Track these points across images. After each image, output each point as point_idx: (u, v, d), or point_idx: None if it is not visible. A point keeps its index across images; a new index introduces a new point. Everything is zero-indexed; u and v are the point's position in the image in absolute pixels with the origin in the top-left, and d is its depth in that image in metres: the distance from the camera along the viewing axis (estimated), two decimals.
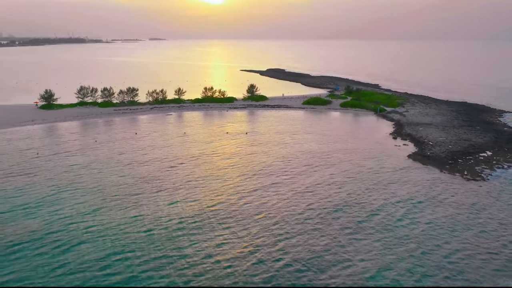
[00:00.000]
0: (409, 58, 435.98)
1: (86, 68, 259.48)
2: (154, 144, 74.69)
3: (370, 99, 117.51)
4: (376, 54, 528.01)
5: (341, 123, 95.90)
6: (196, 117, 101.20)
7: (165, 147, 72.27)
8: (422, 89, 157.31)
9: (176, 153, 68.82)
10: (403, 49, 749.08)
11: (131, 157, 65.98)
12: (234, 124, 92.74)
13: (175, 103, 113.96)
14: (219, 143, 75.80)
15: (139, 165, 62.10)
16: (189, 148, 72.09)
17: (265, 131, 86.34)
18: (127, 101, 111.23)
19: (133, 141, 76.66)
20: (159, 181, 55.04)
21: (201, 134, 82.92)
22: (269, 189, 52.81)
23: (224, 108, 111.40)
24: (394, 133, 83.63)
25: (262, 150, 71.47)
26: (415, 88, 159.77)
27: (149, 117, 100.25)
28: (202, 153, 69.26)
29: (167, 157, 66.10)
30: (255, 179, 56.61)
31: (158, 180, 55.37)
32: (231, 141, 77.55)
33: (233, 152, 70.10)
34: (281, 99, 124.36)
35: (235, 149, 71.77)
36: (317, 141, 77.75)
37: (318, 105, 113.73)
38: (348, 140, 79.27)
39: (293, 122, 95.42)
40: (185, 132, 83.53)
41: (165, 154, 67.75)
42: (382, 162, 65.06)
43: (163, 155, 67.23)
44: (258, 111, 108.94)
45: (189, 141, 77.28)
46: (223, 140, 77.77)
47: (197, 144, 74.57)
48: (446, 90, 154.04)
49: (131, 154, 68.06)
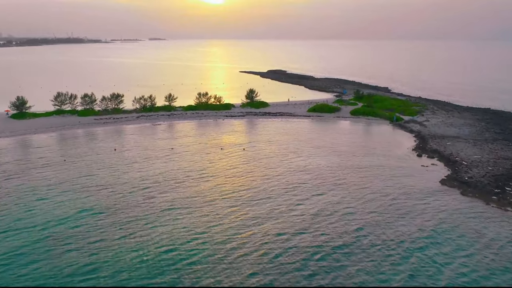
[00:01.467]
0: (414, 58, 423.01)
1: (77, 70, 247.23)
2: (132, 163, 62.36)
3: (384, 106, 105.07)
4: (378, 54, 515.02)
5: (353, 135, 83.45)
6: (187, 127, 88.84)
7: (144, 168, 59.89)
8: (436, 93, 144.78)
9: (157, 176, 56.47)
10: (405, 49, 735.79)
11: (99, 182, 53.61)
12: (230, 137, 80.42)
13: (165, 110, 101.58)
14: (210, 162, 63.41)
15: (106, 193, 49.70)
16: (174, 169, 59.72)
17: (266, 145, 74.06)
18: (110, 108, 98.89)
19: (108, 159, 64.35)
20: (127, 219, 42.64)
21: (191, 149, 70.61)
22: (265, 226, 40.42)
23: (220, 117, 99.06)
24: (418, 149, 71.18)
25: (261, 172, 59.07)
26: (429, 92, 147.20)
27: (134, 128, 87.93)
28: (188, 176, 56.93)
29: (144, 182, 53.73)
30: (249, 212, 44.26)
31: (125, 217, 42.98)
32: (225, 159, 65.18)
33: (227, 174, 57.70)
34: (284, 105, 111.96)
35: (229, 170, 59.40)
36: (326, 159, 65.42)
37: (326, 113, 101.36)
38: (363, 157, 66.92)
39: (298, 133, 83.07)
40: (172, 148, 71.18)
41: (143, 178, 55.37)
42: (408, 189, 52.69)
43: (140, 179, 54.86)
44: (258, 120, 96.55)
45: (176, 159, 64.95)
46: (216, 158, 65.40)
47: (184, 164, 62.17)
48: (463, 94, 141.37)
49: (101, 177, 55.69)
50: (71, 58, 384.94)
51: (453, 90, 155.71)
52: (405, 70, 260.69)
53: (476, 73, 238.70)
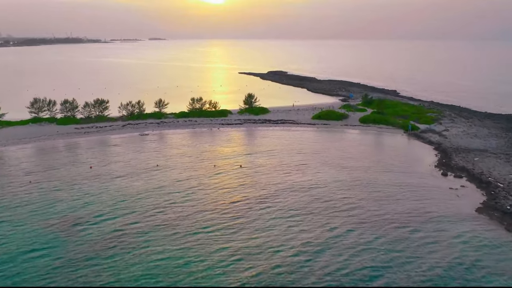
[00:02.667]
0: (417, 58, 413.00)
1: (69, 71, 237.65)
2: (107, 185, 52.90)
3: (395, 112, 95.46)
4: (380, 54, 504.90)
5: (364, 146, 73.88)
6: (178, 138, 79.32)
7: (120, 192, 50.46)
8: (448, 97, 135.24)
9: (134, 204, 47.02)
10: (406, 49, 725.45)
11: (61, 211, 44.07)
12: (225, 149, 70.91)
13: (154, 118, 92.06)
14: (199, 184, 53.81)
15: (69, 228, 40.20)
16: (155, 193, 50.24)
17: (265, 160, 64.61)
18: (94, 116, 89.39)
19: (80, 179, 54.86)
20: (80, 274, 33.12)
21: (178, 166, 61.10)
22: (262, 277, 30.92)
23: (215, 125, 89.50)
24: (442, 165, 61.60)
25: (258, 194, 49.66)
26: (441, 95, 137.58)
27: (118, 138, 78.46)
28: (171, 202, 47.50)
29: (118, 213, 44.23)
30: (242, 254, 34.78)
31: (86, 263, 33.47)
32: (217, 180, 55.61)
33: (217, 201, 48.13)
34: (287, 111, 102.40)
35: (220, 195, 49.87)
36: (334, 178, 55.97)
37: (332, 120, 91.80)
38: (378, 175, 57.44)
39: (301, 145, 73.56)
40: (158, 165, 61.63)
41: (117, 207, 45.88)
42: (436, 218, 43.38)
43: (113, 208, 45.39)
44: (257, 129, 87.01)
45: (159, 179, 55.49)
46: (207, 179, 55.79)
47: (167, 187, 52.63)
48: (477, 98, 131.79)
49: (65, 205, 46.18)
50: (67, 58, 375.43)
51: (465, 92, 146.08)
52: (410, 71, 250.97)
53: (483, 74, 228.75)
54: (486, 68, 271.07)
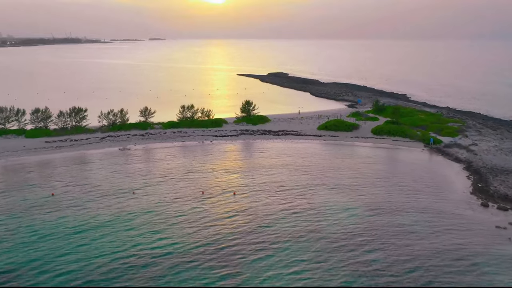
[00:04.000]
0: (422, 59, 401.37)
1: (58, 73, 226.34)
2: (67, 218, 42.27)
3: (412, 122, 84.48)
4: (383, 55, 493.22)
5: (380, 166, 62.93)
6: (163, 154, 68.42)
7: (82, 226, 39.82)
8: (466, 102, 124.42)
9: (93, 247, 36.38)
10: (409, 48, 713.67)
11: (8, 256, 33.33)
12: (217, 169, 60.07)
13: (139, 128, 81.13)
14: (179, 221, 43.01)
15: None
16: (120, 234, 39.55)
17: (263, 183, 53.91)
18: (70, 126, 78.58)
19: (36, 209, 44.17)
20: None
21: (158, 193, 50.29)
22: None
23: (208, 137, 78.60)
24: (478, 191, 50.79)
25: (252, 235, 39.01)
26: (457, 100, 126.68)
27: (95, 154, 67.60)
28: (138, 248, 36.80)
29: (60, 265, 33.38)
30: None
31: None
32: (203, 214, 44.79)
33: (200, 248, 37.38)
34: (289, 120, 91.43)
35: (204, 238, 39.13)
36: (348, 211, 45.44)
37: (341, 131, 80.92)
38: (400, 206, 46.96)
39: (307, 164, 62.78)
40: (134, 192, 50.75)
41: (62, 255, 35.05)
42: (486, 276, 32.72)
43: (58, 256, 34.56)
44: (255, 142, 76.10)
45: (130, 209, 44.89)
46: (190, 213, 44.97)
47: (141, 224, 41.89)
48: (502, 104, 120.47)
49: (7, 253, 35.40)
50: (60, 59, 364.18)
51: (483, 97, 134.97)
52: (417, 72, 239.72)
53: (497, 76, 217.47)
54: (498, 70, 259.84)
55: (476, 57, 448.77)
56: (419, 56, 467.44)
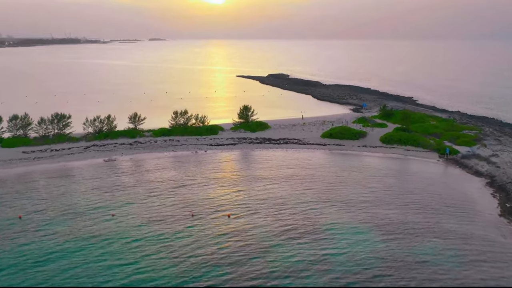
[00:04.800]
0: (425, 59, 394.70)
1: (51, 75, 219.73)
2: (30, 246, 35.99)
3: (424, 129, 78.00)
4: (385, 55, 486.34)
5: (392, 180, 56.47)
6: (151, 165, 61.99)
7: (46, 256, 33.56)
8: (477, 105, 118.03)
9: (56, 283, 30.10)
10: (410, 49, 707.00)
11: None
12: (210, 184, 53.69)
13: (127, 136, 74.68)
14: (163, 248, 36.68)
15: None
16: (93, 264, 33.27)
17: (261, 203, 47.59)
18: (52, 135, 72.21)
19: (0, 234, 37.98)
20: None
21: (141, 215, 43.91)
22: None
23: (203, 146, 72.19)
24: (507, 213, 44.46)
25: (246, 271, 32.51)
26: (467, 104, 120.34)
27: (76, 167, 61.18)
28: (116, 281, 30.64)
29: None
30: None
31: None
32: (192, 238, 38.54)
33: (184, 279, 31.18)
34: (291, 126, 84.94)
35: (189, 269, 32.87)
36: (356, 237, 39.30)
37: (347, 139, 74.50)
38: (419, 229, 40.70)
39: (310, 177, 56.47)
40: (113, 214, 44.35)
41: None
42: None
43: None
44: (254, 152, 69.69)
45: (109, 236, 38.61)
46: (174, 240, 38.60)
47: (117, 253, 35.60)
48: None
49: None
50: (56, 59, 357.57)
51: (495, 100, 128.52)
52: (421, 74, 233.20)
53: (505, 78, 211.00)
54: (501, 71, 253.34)
55: (477, 57, 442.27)
56: (421, 56, 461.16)
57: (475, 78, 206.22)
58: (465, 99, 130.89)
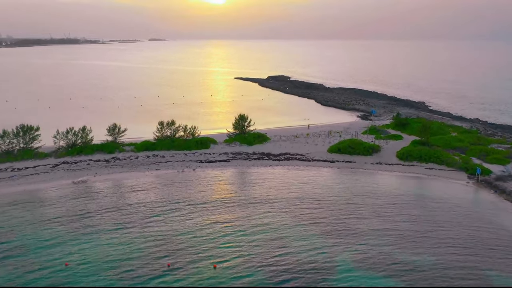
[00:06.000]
0: (430, 61, 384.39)
1: (39, 77, 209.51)
2: None
3: (446, 142, 68.01)
4: (388, 56, 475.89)
5: (416, 211, 46.54)
6: (128, 189, 52.12)
7: None
8: (497, 112, 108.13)
9: None
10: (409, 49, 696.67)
11: None
12: (194, 215, 43.90)
13: (104, 151, 64.75)
14: None
15: None
16: None
17: (256, 243, 37.98)
18: (18, 149, 62.39)
19: None
20: None
21: (100, 263, 34.10)
22: None
23: (191, 162, 62.25)
24: None
25: None
26: (483, 111, 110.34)
27: (36, 192, 51.26)
28: None
29: None
30: None
31: None
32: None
33: None
34: (293, 138, 74.90)
35: None
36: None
37: (358, 155, 64.61)
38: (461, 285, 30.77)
39: (315, 205, 46.79)
40: (67, 263, 34.53)
41: None
42: None
43: None
44: (250, 170, 59.78)
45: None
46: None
47: None
48: None
49: None
50: (49, 60, 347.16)
51: (507, 107, 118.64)
52: (429, 76, 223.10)
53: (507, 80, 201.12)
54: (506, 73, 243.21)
55: (481, 58, 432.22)
56: (423, 57, 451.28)
57: (485, 81, 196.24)
58: (481, 105, 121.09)
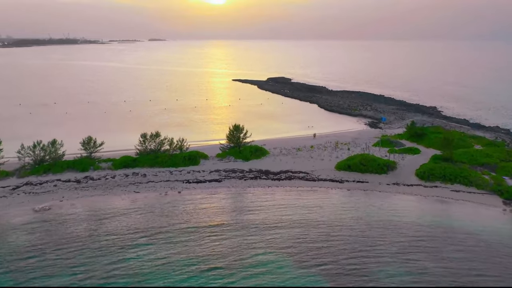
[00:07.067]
0: (427, 61, 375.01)
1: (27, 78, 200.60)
2: None
3: (471, 158, 59.02)
4: (390, 57, 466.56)
5: (447, 251, 37.78)
6: (97, 218, 43.27)
7: None
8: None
9: None
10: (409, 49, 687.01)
11: None
12: (173, 258, 35.13)
13: (76, 169, 55.89)
14: None
15: None
16: None
17: None
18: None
19: None
20: None
21: None
22: None
23: (177, 183, 53.41)
24: None
25: None
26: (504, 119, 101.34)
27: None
28: None
29: None
30: None
31: None
32: None
33: None
34: (294, 153, 65.71)
35: None
36: None
37: (370, 173, 55.78)
38: None
39: (323, 242, 38.11)
40: None
41: None
42: None
43: None
44: (245, 193, 50.92)
45: None
46: None
47: None
48: None
49: None
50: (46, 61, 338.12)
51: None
52: (431, 76, 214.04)
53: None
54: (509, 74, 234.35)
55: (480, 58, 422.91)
56: (423, 57, 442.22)
57: (497, 83, 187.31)
58: (497, 110, 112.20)
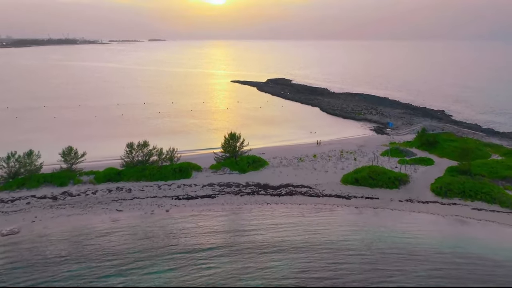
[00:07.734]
0: (428, 61, 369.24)
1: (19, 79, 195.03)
2: None
3: (491, 170, 53.59)
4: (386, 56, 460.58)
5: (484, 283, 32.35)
6: (69, 244, 37.85)
7: None
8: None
9: None
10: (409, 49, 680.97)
11: None
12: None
13: (54, 183, 50.44)
14: None
15: None
16: None
17: None
18: None
19: None
20: None
21: None
22: None
23: (165, 200, 47.95)
24: None
25: None
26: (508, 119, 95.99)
27: None
28: None
29: None
30: None
31: None
32: None
33: None
34: (296, 164, 60.21)
35: None
36: None
37: (380, 188, 50.32)
38: None
39: (329, 280, 32.61)
40: None
41: None
42: None
43: None
44: (241, 212, 45.46)
45: None
46: None
47: None
48: None
49: None
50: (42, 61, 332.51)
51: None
52: (433, 77, 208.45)
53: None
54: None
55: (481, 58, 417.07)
56: (424, 57, 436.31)
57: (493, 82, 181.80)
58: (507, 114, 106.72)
